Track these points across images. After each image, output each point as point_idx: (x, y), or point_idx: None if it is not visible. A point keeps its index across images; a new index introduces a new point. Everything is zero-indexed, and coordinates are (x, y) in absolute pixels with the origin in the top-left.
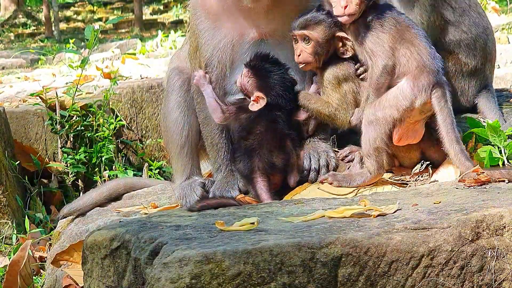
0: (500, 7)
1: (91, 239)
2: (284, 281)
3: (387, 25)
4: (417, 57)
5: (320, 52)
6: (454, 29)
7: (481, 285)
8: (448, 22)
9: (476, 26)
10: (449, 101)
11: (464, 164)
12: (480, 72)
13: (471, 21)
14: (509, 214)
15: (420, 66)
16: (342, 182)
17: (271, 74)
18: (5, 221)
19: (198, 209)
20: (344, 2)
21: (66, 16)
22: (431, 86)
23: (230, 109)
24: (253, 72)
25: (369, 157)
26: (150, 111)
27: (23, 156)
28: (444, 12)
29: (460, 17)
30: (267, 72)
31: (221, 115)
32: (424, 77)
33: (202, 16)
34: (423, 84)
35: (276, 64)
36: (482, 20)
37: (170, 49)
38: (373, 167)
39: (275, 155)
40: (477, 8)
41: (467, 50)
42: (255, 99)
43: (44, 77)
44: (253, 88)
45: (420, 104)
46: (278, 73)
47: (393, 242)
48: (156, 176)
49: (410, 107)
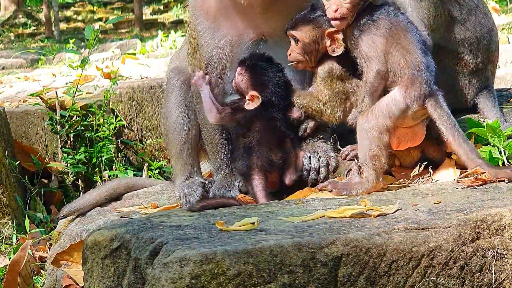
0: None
1: (91, 239)
2: (284, 281)
3: (382, 28)
4: (411, 66)
5: (308, 51)
6: (459, 27)
7: (481, 285)
8: (454, 19)
9: (481, 26)
10: (444, 105)
11: (476, 162)
12: (481, 72)
13: (477, 20)
14: (509, 214)
15: (412, 76)
16: (342, 191)
17: (264, 72)
18: (5, 221)
19: (198, 209)
20: (334, 5)
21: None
22: (423, 96)
23: (226, 109)
24: (247, 71)
25: (366, 166)
26: (150, 111)
27: (23, 156)
28: (451, 8)
29: (466, 16)
30: (260, 70)
31: (216, 115)
32: (416, 87)
33: (201, 16)
34: (415, 94)
35: (270, 62)
36: (488, 20)
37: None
38: (371, 176)
39: (274, 153)
40: (484, 8)
41: (469, 49)
42: (250, 97)
43: (44, 77)
44: (247, 87)
45: (411, 114)
46: (271, 71)
47: (393, 242)
48: (156, 176)
49: (402, 116)
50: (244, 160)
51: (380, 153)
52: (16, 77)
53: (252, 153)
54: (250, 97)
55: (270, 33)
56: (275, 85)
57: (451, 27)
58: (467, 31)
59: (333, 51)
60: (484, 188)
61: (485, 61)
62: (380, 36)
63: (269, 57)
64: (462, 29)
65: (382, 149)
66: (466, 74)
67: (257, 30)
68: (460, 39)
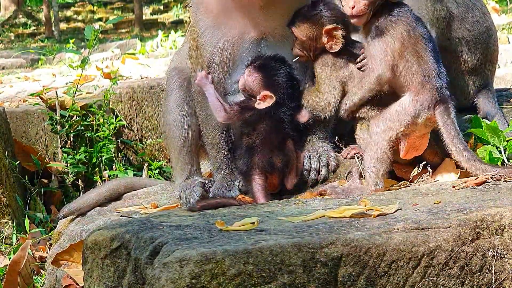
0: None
1: (91, 239)
2: (284, 281)
3: (399, 30)
4: (423, 73)
5: (306, 46)
6: (457, 24)
7: (481, 285)
8: (453, 15)
9: (479, 25)
10: (452, 115)
11: (479, 168)
12: (480, 71)
13: (474, 18)
14: (509, 214)
15: (424, 82)
16: (341, 195)
17: (279, 73)
18: (5, 221)
19: (198, 209)
20: (352, 2)
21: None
22: (434, 103)
23: (234, 108)
24: (259, 71)
25: (369, 170)
26: (150, 111)
27: (23, 156)
28: (448, 4)
29: (464, 13)
30: (274, 70)
31: (224, 114)
32: (428, 93)
33: (202, 14)
34: (426, 100)
35: (283, 62)
36: (486, 19)
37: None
38: (372, 180)
39: (276, 155)
40: (482, 7)
41: (468, 48)
42: (261, 97)
43: (44, 77)
44: (260, 87)
45: (423, 120)
46: (284, 70)
47: (393, 242)
48: (156, 176)
49: (413, 122)
50: (245, 159)
51: (386, 158)
52: (16, 77)
53: (254, 153)
54: (262, 97)
55: (271, 32)
56: (287, 85)
57: (450, 24)
58: (465, 29)
59: (331, 48)
60: (484, 188)
61: (483, 60)
62: (396, 39)
63: (282, 57)
64: (460, 27)
65: (388, 155)
66: (465, 73)
67: (258, 29)
68: (458, 38)
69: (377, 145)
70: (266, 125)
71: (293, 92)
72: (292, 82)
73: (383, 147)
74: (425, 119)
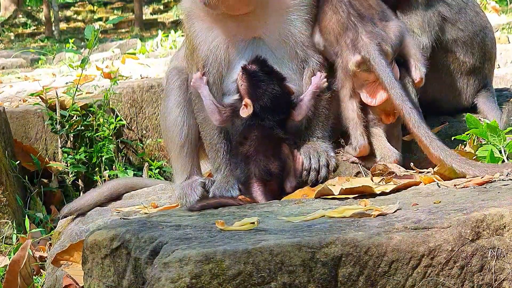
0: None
1: (91, 238)
2: (284, 281)
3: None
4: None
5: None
6: (451, 26)
7: (481, 285)
8: (446, 18)
9: (473, 24)
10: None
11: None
12: (479, 71)
13: (467, 19)
14: (509, 214)
15: (341, 24)
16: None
17: (261, 84)
18: (5, 221)
19: (199, 209)
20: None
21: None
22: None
23: (227, 111)
24: (247, 78)
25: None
26: (150, 111)
27: (23, 156)
28: (440, 9)
29: (456, 15)
30: (258, 80)
31: (218, 117)
32: (347, 34)
33: (194, 19)
34: (346, 41)
35: (270, 74)
36: (480, 18)
37: (170, 49)
38: (355, 139)
39: (271, 162)
40: (475, 7)
41: (464, 48)
42: (244, 103)
43: (44, 77)
44: (244, 94)
45: (354, 64)
46: (269, 83)
47: (393, 242)
48: (156, 176)
49: (349, 70)
50: (241, 169)
51: (357, 116)
52: (16, 77)
53: (250, 161)
54: (244, 104)
55: (265, 31)
56: (270, 98)
57: (444, 27)
58: (459, 30)
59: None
60: (484, 188)
61: (481, 60)
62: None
63: (271, 69)
64: (454, 29)
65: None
66: (464, 74)
67: (251, 29)
68: (453, 39)
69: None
70: (257, 132)
71: (276, 105)
72: (276, 95)
73: (349, 106)
74: (355, 64)
